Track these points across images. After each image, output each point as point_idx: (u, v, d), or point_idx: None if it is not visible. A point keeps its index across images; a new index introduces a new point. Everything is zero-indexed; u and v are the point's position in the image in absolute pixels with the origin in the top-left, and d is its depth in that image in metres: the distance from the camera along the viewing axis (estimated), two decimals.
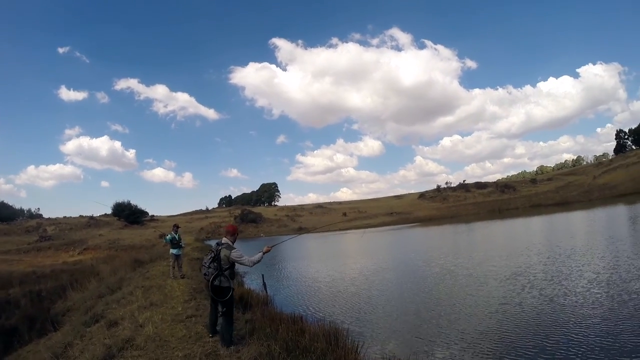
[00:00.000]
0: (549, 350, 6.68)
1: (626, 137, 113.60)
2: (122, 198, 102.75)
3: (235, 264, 5.85)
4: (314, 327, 6.82)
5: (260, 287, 12.43)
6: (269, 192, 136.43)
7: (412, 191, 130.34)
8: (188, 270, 14.78)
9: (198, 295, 9.39)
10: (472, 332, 7.94)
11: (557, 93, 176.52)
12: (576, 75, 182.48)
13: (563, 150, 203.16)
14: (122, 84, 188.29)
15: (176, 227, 14.27)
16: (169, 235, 13.77)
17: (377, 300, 11.64)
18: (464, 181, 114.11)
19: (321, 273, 18.29)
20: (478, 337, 7.63)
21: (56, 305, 14.67)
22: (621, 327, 7.25)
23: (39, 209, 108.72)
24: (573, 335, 7.17)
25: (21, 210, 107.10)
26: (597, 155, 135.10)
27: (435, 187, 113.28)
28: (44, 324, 11.23)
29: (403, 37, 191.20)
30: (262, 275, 12.38)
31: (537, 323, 8.03)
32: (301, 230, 73.48)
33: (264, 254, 6.04)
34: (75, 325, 8.24)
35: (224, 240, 5.98)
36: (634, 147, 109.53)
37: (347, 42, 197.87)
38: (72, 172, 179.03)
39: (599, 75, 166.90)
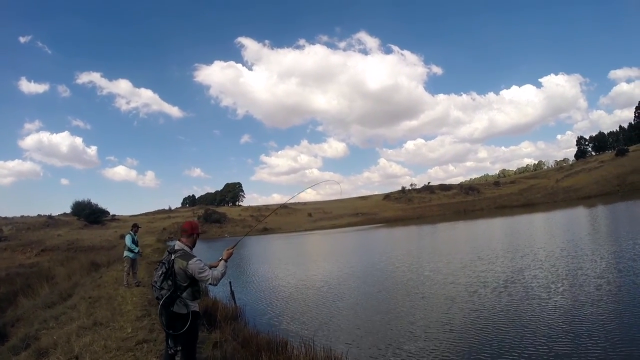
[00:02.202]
0: None
1: (587, 143, 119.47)
2: (82, 197, 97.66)
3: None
4: (305, 356, 5.36)
5: (227, 296, 10.88)
6: (233, 192, 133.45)
7: (377, 192, 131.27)
8: (145, 276, 13.11)
9: (153, 310, 7.86)
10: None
11: (520, 100, 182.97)
12: (539, 85, 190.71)
13: (524, 155, 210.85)
14: (84, 78, 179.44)
15: (136, 227, 12.62)
16: (127, 237, 12.07)
17: (362, 315, 10.16)
18: (428, 183, 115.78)
19: (290, 280, 16.77)
20: None
21: (7, 313, 13.01)
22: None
23: None
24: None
25: None
26: (558, 160, 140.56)
27: (399, 188, 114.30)
28: None
29: (370, 41, 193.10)
30: (230, 283, 10.80)
31: (548, 345, 6.92)
32: (266, 230, 72.21)
33: (226, 261, 4.47)
34: (3, 351, 6.65)
35: (178, 245, 4.33)
36: (593, 153, 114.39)
37: (314, 43, 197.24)
38: (31, 168, 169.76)
39: (560, 85, 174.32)
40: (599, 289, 9.62)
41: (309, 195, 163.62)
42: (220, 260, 4.50)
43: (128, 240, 11.95)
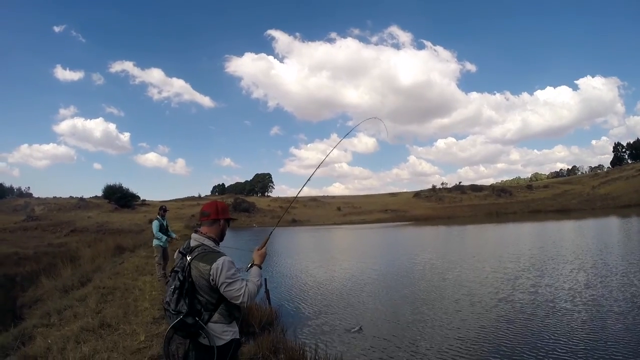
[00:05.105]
0: None
1: (624, 150, 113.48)
2: (114, 181, 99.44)
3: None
4: None
5: (260, 294, 9.43)
6: (262, 183, 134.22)
7: (405, 190, 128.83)
8: (170, 265, 11.87)
9: None
10: None
11: (555, 102, 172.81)
12: (575, 87, 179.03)
13: (557, 159, 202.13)
14: (118, 67, 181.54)
15: (163, 211, 10.78)
16: (155, 223, 10.41)
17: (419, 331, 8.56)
18: (459, 183, 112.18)
19: (325, 277, 15.21)
20: None
21: (27, 293, 12.65)
22: None
23: (29, 187, 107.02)
24: None
25: (10, 189, 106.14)
26: (592, 166, 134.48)
27: (428, 187, 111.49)
28: (4, 317, 9.11)
29: (403, 36, 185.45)
30: (265, 280, 9.48)
31: None
32: (295, 222, 71.27)
33: (260, 267, 2.99)
34: None
35: (196, 238, 2.74)
36: (630, 160, 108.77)
37: (345, 37, 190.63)
38: (66, 152, 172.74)
39: (597, 88, 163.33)
40: None
41: (337, 189, 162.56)
42: (251, 265, 2.98)
43: (155, 226, 10.31)
